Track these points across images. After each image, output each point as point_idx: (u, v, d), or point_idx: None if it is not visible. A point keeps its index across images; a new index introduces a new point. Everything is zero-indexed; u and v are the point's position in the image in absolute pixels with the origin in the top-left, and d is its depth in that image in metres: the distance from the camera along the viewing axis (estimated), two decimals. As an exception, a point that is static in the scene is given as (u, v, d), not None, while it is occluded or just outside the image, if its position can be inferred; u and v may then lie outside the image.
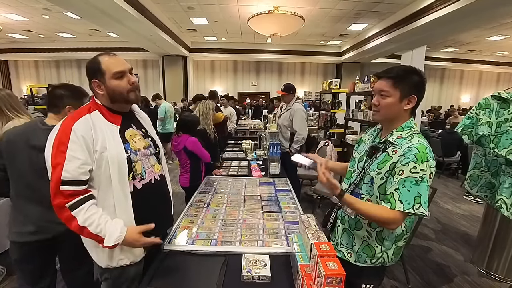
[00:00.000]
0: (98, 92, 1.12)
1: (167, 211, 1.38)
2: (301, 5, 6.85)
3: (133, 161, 1.15)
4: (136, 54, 11.73)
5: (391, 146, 1.13)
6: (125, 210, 1.12)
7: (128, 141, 1.16)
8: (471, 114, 2.22)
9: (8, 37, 10.52)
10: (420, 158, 1.03)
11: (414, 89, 1.12)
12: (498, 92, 2.11)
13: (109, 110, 1.14)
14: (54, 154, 1.00)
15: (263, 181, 2.48)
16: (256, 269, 1.19)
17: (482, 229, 2.62)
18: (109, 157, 1.06)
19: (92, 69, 1.12)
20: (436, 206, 4.09)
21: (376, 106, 1.17)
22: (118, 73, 1.11)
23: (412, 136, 1.11)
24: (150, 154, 1.25)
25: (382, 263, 1.22)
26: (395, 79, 1.11)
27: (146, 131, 1.29)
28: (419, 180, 1.03)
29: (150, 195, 1.23)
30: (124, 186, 1.11)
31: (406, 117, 1.16)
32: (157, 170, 1.28)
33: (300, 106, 3.38)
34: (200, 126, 2.75)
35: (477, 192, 2.37)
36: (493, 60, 12.70)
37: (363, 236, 1.23)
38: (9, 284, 2.19)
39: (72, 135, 1.01)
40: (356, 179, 1.23)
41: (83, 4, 5.51)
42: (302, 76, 13.48)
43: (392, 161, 1.10)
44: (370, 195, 1.18)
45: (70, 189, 1.00)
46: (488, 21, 6.69)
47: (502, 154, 2.01)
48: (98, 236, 1.03)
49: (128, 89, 1.14)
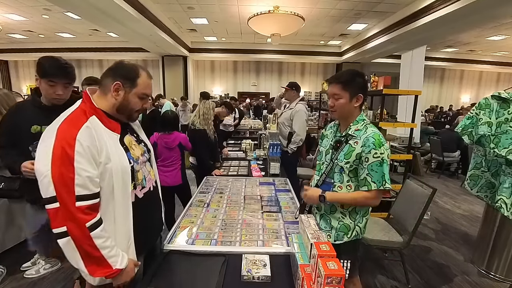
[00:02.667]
0: (111, 93, 1.05)
1: (160, 215, 1.38)
2: (301, 5, 6.85)
3: (135, 171, 1.11)
4: (136, 54, 11.73)
5: (351, 138, 1.37)
6: (125, 221, 1.06)
7: (128, 149, 1.11)
8: (471, 114, 2.22)
9: (8, 37, 10.52)
10: (377, 144, 1.29)
11: (360, 90, 1.36)
12: (498, 92, 2.10)
13: (108, 117, 1.06)
14: (58, 168, 0.89)
15: (263, 181, 2.47)
16: (256, 269, 1.19)
17: (482, 229, 2.62)
18: (113, 169, 1.00)
19: (125, 73, 1.07)
20: (436, 206, 4.09)
21: (332, 107, 1.40)
22: (144, 95, 1.11)
23: (366, 127, 1.37)
24: (145, 161, 1.22)
25: (356, 236, 1.45)
26: (344, 83, 1.34)
27: (138, 136, 1.24)
28: (381, 161, 1.29)
29: (149, 202, 1.22)
30: (126, 197, 1.06)
31: (358, 112, 1.41)
32: (152, 177, 1.26)
33: (302, 107, 3.36)
34: (200, 126, 2.75)
35: (477, 192, 2.37)
36: (493, 60, 12.70)
37: (338, 217, 1.44)
38: (9, 284, 2.18)
39: (77, 146, 0.91)
40: (326, 169, 1.45)
41: (83, 4, 5.51)
42: (302, 76, 13.48)
43: (356, 151, 1.34)
44: (341, 182, 1.40)
45: (85, 204, 0.92)
46: (488, 21, 6.69)
47: (502, 154, 2.01)
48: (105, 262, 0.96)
49: (138, 109, 1.13)
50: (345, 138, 1.40)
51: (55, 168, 0.89)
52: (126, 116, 1.13)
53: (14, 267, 2.35)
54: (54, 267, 2.37)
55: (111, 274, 0.98)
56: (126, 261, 1.02)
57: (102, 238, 0.96)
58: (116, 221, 1.04)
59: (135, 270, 1.10)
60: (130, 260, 1.07)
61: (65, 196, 0.90)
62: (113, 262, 0.98)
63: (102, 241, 0.95)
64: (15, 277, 2.25)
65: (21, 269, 2.32)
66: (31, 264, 2.35)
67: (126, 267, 1.03)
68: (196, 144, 2.64)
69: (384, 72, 4.64)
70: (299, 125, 3.30)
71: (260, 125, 6.11)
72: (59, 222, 0.91)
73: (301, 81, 13.20)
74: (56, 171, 0.89)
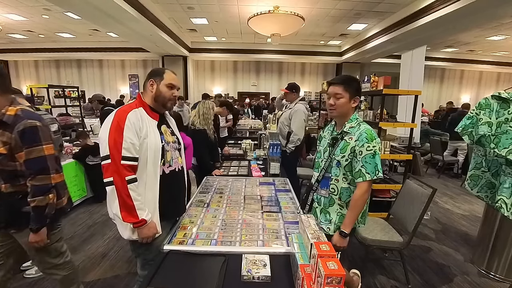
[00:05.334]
0: (148, 89, 1.43)
1: (183, 199, 1.66)
2: (301, 5, 6.85)
3: (165, 150, 1.43)
4: (136, 54, 11.71)
5: (347, 135, 1.52)
6: (153, 188, 1.37)
7: (163, 133, 1.45)
8: (471, 114, 2.21)
9: (8, 37, 10.51)
10: (370, 138, 1.44)
11: (357, 92, 1.52)
12: (498, 92, 2.10)
13: (150, 109, 1.43)
14: (113, 135, 1.26)
15: (263, 181, 2.47)
16: (256, 269, 1.19)
17: (482, 229, 2.62)
18: (149, 144, 1.34)
19: (155, 72, 1.46)
20: (436, 206, 4.09)
21: (333, 106, 1.52)
22: (171, 85, 1.45)
23: (359, 125, 1.52)
24: (175, 148, 1.54)
25: (353, 226, 1.54)
26: (344, 84, 1.49)
27: (173, 130, 1.59)
28: (374, 153, 1.44)
29: (174, 180, 1.52)
30: (156, 169, 1.38)
31: (353, 112, 1.56)
32: (180, 162, 1.58)
33: (301, 107, 3.35)
34: (200, 126, 2.75)
35: (477, 192, 2.37)
36: (493, 60, 12.68)
37: (336, 209, 1.59)
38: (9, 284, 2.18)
39: (127, 121, 1.29)
40: (325, 165, 1.59)
41: (83, 4, 5.51)
42: (302, 76, 13.46)
43: (351, 145, 1.49)
44: (337, 175, 1.55)
45: (128, 163, 1.28)
46: (488, 21, 6.69)
47: (502, 154, 2.00)
48: (135, 211, 1.28)
49: (169, 97, 1.46)
50: (341, 135, 1.55)
51: (111, 135, 1.27)
52: (161, 104, 1.46)
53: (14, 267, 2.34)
54: (54, 267, 2.37)
55: (138, 223, 1.30)
56: (150, 217, 1.33)
57: (135, 191, 1.29)
58: (147, 187, 1.36)
59: (157, 229, 1.38)
60: (153, 222, 1.36)
61: (115, 154, 1.26)
62: (140, 214, 1.29)
63: (135, 194, 1.29)
64: (15, 277, 2.24)
65: (21, 269, 2.32)
66: (31, 264, 2.35)
67: (150, 222, 1.33)
68: (196, 144, 2.64)
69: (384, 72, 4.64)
70: (297, 125, 3.30)
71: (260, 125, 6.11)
72: (109, 174, 1.26)
73: (301, 81, 13.22)
74: (111, 137, 1.27)
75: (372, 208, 3.29)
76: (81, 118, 5.90)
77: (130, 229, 1.34)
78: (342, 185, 1.55)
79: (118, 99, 8.65)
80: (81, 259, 2.55)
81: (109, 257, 2.60)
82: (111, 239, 2.91)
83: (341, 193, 1.56)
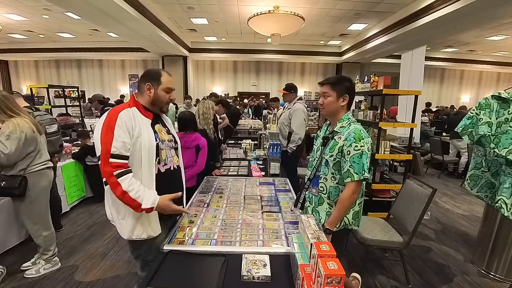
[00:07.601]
0: (145, 93, 1.41)
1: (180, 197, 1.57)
2: (301, 5, 6.85)
3: (160, 148, 1.43)
4: (136, 54, 11.72)
5: (337, 134, 1.53)
6: (149, 187, 1.35)
7: (157, 132, 1.44)
8: (471, 114, 2.21)
9: (8, 37, 10.51)
10: (357, 138, 1.43)
11: (346, 91, 1.52)
12: (498, 92, 2.10)
13: (144, 108, 1.42)
14: (104, 134, 1.26)
15: (263, 181, 2.47)
16: (256, 269, 1.19)
17: (482, 229, 2.62)
18: (142, 142, 1.33)
19: (151, 75, 1.42)
20: (436, 206, 4.09)
21: (322, 105, 1.57)
22: (168, 89, 1.44)
23: (349, 124, 1.52)
24: (171, 147, 1.54)
25: (345, 226, 1.55)
26: (332, 84, 1.53)
27: (168, 129, 1.58)
28: (361, 153, 1.42)
29: (170, 179, 1.52)
30: (151, 167, 1.37)
31: (344, 111, 1.56)
32: (175, 161, 1.57)
33: (300, 106, 3.37)
34: (200, 126, 2.75)
35: (477, 192, 2.37)
36: (493, 60, 12.68)
37: (325, 209, 1.58)
38: (9, 284, 2.19)
39: (118, 120, 1.28)
40: (316, 164, 1.61)
41: (83, 4, 5.51)
42: (302, 76, 13.46)
43: (339, 145, 1.49)
44: (326, 174, 1.56)
45: (116, 161, 1.25)
46: (488, 21, 6.69)
47: (502, 154, 2.01)
48: (136, 201, 1.26)
49: (166, 101, 1.47)
50: (332, 134, 1.57)
51: (102, 135, 1.26)
52: (159, 108, 1.47)
53: (14, 267, 2.35)
54: (54, 267, 2.37)
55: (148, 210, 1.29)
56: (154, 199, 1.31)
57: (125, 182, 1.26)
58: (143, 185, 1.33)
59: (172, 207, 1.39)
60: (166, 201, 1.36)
61: (103, 152, 1.25)
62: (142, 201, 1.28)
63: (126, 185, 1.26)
64: (15, 277, 2.25)
65: (21, 269, 2.33)
66: (31, 264, 2.35)
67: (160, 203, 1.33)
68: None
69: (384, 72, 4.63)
70: (297, 124, 3.31)
71: (260, 125, 6.11)
72: (103, 174, 1.25)
73: (301, 81, 13.24)
74: (102, 137, 1.26)
75: (372, 208, 3.33)
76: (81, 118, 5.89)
77: (130, 229, 1.34)
78: (330, 184, 1.55)
79: (118, 99, 8.65)
80: (81, 259, 2.55)
81: (109, 257, 2.60)
82: (111, 239, 2.91)
83: (330, 192, 1.56)
